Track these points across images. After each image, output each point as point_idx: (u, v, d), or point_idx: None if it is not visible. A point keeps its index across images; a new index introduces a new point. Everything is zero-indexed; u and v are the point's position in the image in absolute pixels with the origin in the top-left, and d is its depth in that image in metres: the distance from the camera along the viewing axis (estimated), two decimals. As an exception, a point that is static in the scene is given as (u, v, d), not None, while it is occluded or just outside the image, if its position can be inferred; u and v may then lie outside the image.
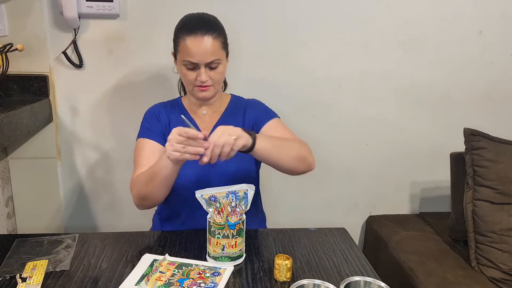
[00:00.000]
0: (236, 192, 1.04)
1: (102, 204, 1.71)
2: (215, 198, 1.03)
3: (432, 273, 1.37)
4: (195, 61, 1.14)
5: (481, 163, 1.43)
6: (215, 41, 1.15)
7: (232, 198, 1.04)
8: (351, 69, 1.66)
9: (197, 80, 1.17)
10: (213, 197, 1.03)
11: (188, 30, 1.15)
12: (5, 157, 1.56)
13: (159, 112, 1.28)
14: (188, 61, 1.15)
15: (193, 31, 1.14)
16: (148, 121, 1.27)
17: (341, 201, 1.83)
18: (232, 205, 1.04)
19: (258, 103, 1.35)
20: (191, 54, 1.14)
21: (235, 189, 1.04)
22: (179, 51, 1.17)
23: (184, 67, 1.17)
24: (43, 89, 1.52)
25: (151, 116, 1.28)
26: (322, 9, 1.58)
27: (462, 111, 1.75)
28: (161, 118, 1.27)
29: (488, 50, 1.69)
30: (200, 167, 1.21)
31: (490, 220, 1.39)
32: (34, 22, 1.46)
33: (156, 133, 1.25)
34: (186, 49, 1.14)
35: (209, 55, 1.14)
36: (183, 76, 1.20)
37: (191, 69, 1.17)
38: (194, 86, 1.19)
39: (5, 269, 1.01)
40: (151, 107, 1.31)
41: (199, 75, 1.16)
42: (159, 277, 0.98)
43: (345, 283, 0.91)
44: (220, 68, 1.19)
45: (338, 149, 1.75)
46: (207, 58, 1.14)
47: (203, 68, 1.15)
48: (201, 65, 1.15)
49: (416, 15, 1.62)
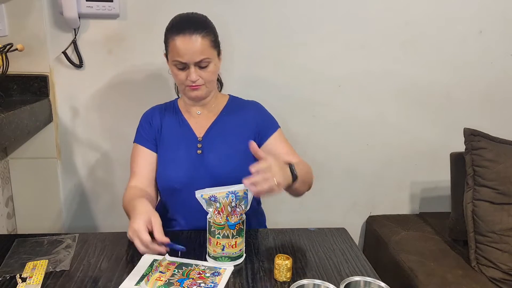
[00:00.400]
0: (236, 192, 1.04)
1: (102, 204, 1.71)
2: (215, 198, 1.03)
3: (432, 273, 1.37)
4: (184, 61, 1.14)
5: (481, 163, 1.43)
6: (204, 40, 1.14)
7: (232, 198, 1.04)
8: (351, 69, 1.66)
9: (187, 79, 1.17)
10: (213, 197, 1.03)
11: (176, 30, 1.15)
12: (5, 157, 1.56)
13: (152, 117, 1.29)
14: (178, 61, 1.15)
15: (181, 31, 1.13)
16: (143, 126, 1.29)
17: (341, 201, 1.83)
18: (232, 205, 1.04)
19: (260, 106, 1.34)
20: (180, 54, 1.14)
21: (235, 189, 1.04)
22: (169, 51, 1.17)
23: (175, 67, 1.17)
24: (43, 89, 1.52)
25: (145, 121, 1.29)
26: (322, 9, 1.58)
27: (462, 111, 1.75)
28: (153, 123, 1.28)
29: (488, 50, 1.69)
30: (189, 167, 1.21)
31: (490, 220, 1.39)
32: (34, 22, 1.46)
33: (148, 139, 1.26)
34: (175, 49, 1.14)
35: (198, 54, 1.14)
36: (175, 76, 1.20)
37: (182, 69, 1.17)
38: (185, 86, 1.19)
39: (5, 269, 1.01)
40: (147, 111, 1.32)
41: (189, 75, 1.16)
42: (159, 277, 0.98)
43: (345, 283, 0.91)
44: (211, 67, 1.18)
45: (338, 149, 1.75)
46: (196, 57, 1.14)
47: (192, 68, 1.15)
48: (191, 64, 1.15)
49: (416, 15, 1.62)
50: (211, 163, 1.21)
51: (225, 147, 1.24)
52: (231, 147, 1.24)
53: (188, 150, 1.24)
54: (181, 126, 1.27)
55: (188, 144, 1.25)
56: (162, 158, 1.25)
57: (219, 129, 1.27)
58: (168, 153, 1.24)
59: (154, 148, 1.26)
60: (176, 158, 1.23)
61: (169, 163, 1.23)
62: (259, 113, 1.31)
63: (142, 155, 1.26)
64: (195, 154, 1.24)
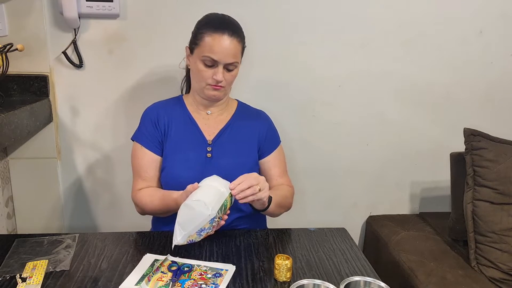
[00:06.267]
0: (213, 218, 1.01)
1: (102, 204, 1.71)
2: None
3: (432, 273, 1.37)
4: (216, 59, 1.15)
5: (481, 163, 1.43)
6: (238, 45, 1.17)
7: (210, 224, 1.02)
8: (351, 69, 1.66)
9: (212, 78, 1.17)
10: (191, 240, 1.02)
11: (215, 27, 1.15)
12: (5, 157, 1.56)
13: (158, 116, 1.27)
14: (209, 57, 1.15)
15: (220, 29, 1.15)
16: (146, 125, 1.28)
17: (341, 201, 1.83)
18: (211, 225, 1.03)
19: (269, 119, 1.38)
20: (214, 51, 1.14)
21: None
22: (200, 45, 1.17)
23: (202, 63, 1.17)
24: (43, 89, 1.52)
25: (149, 120, 1.28)
26: (322, 9, 1.58)
27: (462, 111, 1.75)
28: (159, 124, 1.26)
29: (488, 50, 1.69)
30: (200, 169, 1.22)
31: (490, 220, 1.40)
32: (34, 22, 1.46)
33: (154, 142, 1.26)
34: (209, 45, 1.15)
35: (231, 57, 1.16)
36: (198, 72, 1.19)
37: (209, 66, 1.17)
38: (207, 84, 1.19)
39: (5, 269, 1.01)
40: (150, 107, 1.31)
41: (216, 74, 1.17)
42: (160, 277, 0.98)
43: (345, 283, 0.91)
44: (235, 72, 1.21)
45: (338, 149, 1.75)
46: (228, 59, 1.15)
47: (221, 68, 1.16)
48: (221, 64, 1.16)
49: (416, 15, 1.62)
50: (222, 168, 1.21)
51: (235, 154, 1.26)
52: (241, 155, 1.27)
53: (198, 152, 1.25)
54: (189, 126, 1.27)
55: (198, 146, 1.25)
56: (170, 157, 1.25)
57: (229, 135, 1.28)
58: (177, 153, 1.25)
59: (159, 151, 1.26)
60: (185, 159, 1.24)
61: (178, 163, 1.24)
62: (267, 127, 1.34)
63: (147, 159, 1.26)
64: (204, 157, 1.24)
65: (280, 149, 1.36)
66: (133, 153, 1.28)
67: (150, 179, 1.26)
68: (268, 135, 1.33)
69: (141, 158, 1.26)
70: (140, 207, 1.26)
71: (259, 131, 1.31)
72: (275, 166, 1.34)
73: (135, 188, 1.27)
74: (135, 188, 1.27)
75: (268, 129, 1.34)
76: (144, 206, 1.24)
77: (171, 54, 1.50)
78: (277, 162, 1.34)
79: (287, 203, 1.31)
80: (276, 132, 1.38)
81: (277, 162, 1.34)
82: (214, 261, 1.07)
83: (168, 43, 1.53)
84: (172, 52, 1.50)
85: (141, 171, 1.26)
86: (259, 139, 1.31)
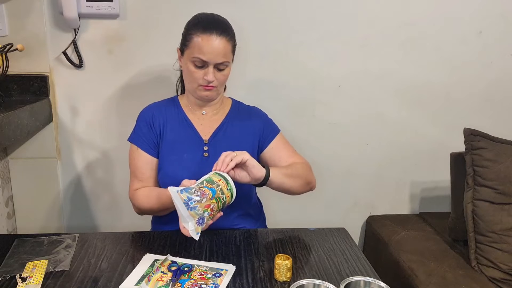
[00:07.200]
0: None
1: (102, 204, 1.71)
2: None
3: (432, 273, 1.37)
4: (205, 59, 1.15)
5: (481, 163, 1.43)
6: (228, 44, 1.16)
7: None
8: (351, 69, 1.66)
9: (203, 79, 1.17)
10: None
11: (203, 27, 1.15)
12: (5, 157, 1.56)
13: (153, 117, 1.27)
14: (199, 58, 1.15)
15: (208, 30, 1.14)
16: (141, 126, 1.28)
17: (341, 201, 1.83)
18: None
19: (263, 113, 1.37)
20: (203, 52, 1.14)
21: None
22: (190, 47, 1.17)
23: (192, 64, 1.17)
24: (43, 89, 1.52)
25: (144, 122, 1.27)
26: (322, 9, 1.58)
27: (462, 111, 1.75)
28: (154, 125, 1.26)
29: (488, 50, 1.69)
30: (197, 168, 1.21)
31: (490, 220, 1.40)
32: (34, 22, 1.46)
33: (150, 144, 1.26)
34: (198, 46, 1.14)
35: (221, 56, 1.15)
36: (189, 73, 1.20)
37: (199, 67, 1.17)
38: (198, 84, 1.19)
39: (5, 269, 1.01)
40: (145, 108, 1.31)
41: (207, 74, 1.16)
42: (160, 277, 0.98)
43: (345, 283, 0.91)
44: (226, 71, 1.20)
45: (338, 149, 1.75)
46: (218, 59, 1.15)
47: (211, 68, 1.16)
48: (211, 64, 1.15)
49: (416, 15, 1.62)
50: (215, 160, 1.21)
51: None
52: None
53: (195, 152, 1.25)
54: (184, 126, 1.27)
55: (194, 146, 1.25)
56: (167, 158, 1.25)
57: (225, 134, 1.27)
58: (173, 154, 1.24)
59: (155, 153, 1.27)
60: (182, 159, 1.24)
61: (175, 163, 1.23)
62: (262, 120, 1.33)
63: (143, 161, 1.26)
64: (201, 156, 1.24)
65: (281, 135, 1.34)
66: (130, 154, 1.29)
67: (146, 180, 1.26)
68: (265, 127, 1.32)
69: (137, 159, 1.27)
70: (137, 207, 1.26)
71: (254, 127, 1.30)
72: (280, 150, 1.30)
73: (132, 188, 1.28)
74: (132, 188, 1.28)
75: (263, 123, 1.32)
76: (141, 206, 1.24)
77: (171, 54, 1.49)
78: (282, 145, 1.31)
79: (301, 174, 1.25)
80: (272, 122, 1.35)
81: (282, 145, 1.31)
82: (214, 261, 1.07)
83: (168, 43, 1.53)
84: (172, 52, 1.49)
85: (137, 172, 1.27)
86: (256, 135, 1.30)
